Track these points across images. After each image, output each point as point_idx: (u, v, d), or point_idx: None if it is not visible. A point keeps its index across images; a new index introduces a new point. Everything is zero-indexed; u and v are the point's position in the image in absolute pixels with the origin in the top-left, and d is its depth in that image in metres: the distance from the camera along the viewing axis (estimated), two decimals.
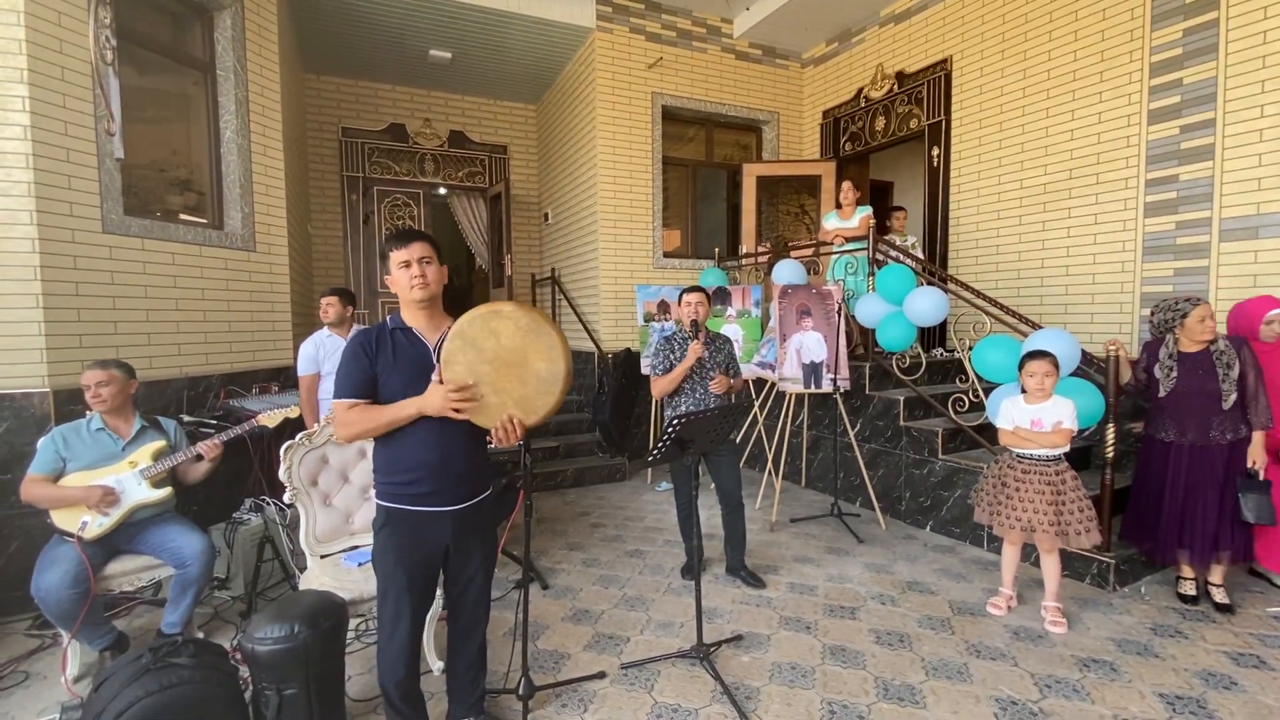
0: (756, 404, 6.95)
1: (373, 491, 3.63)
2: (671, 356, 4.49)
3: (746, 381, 7.00)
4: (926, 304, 5.65)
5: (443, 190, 10.09)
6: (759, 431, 7.21)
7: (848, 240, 6.84)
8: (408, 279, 2.90)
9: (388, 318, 2.95)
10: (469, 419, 2.83)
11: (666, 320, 7.28)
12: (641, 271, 8.28)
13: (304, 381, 5.32)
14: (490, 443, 3.00)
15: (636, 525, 5.94)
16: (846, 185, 7.17)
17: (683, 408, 4.41)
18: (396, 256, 2.92)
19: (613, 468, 7.26)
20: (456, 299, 12.96)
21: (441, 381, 2.78)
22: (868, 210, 7.15)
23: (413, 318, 2.98)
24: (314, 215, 9.16)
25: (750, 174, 8.64)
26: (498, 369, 2.75)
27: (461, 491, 3.01)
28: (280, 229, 6.52)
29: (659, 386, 4.46)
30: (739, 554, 4.84)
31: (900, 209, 7.90)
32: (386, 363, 2.89)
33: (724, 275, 7.87)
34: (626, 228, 8.26)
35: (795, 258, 7.20)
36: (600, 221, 8.21)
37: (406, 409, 2.81)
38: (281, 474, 4.05)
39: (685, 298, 4.56)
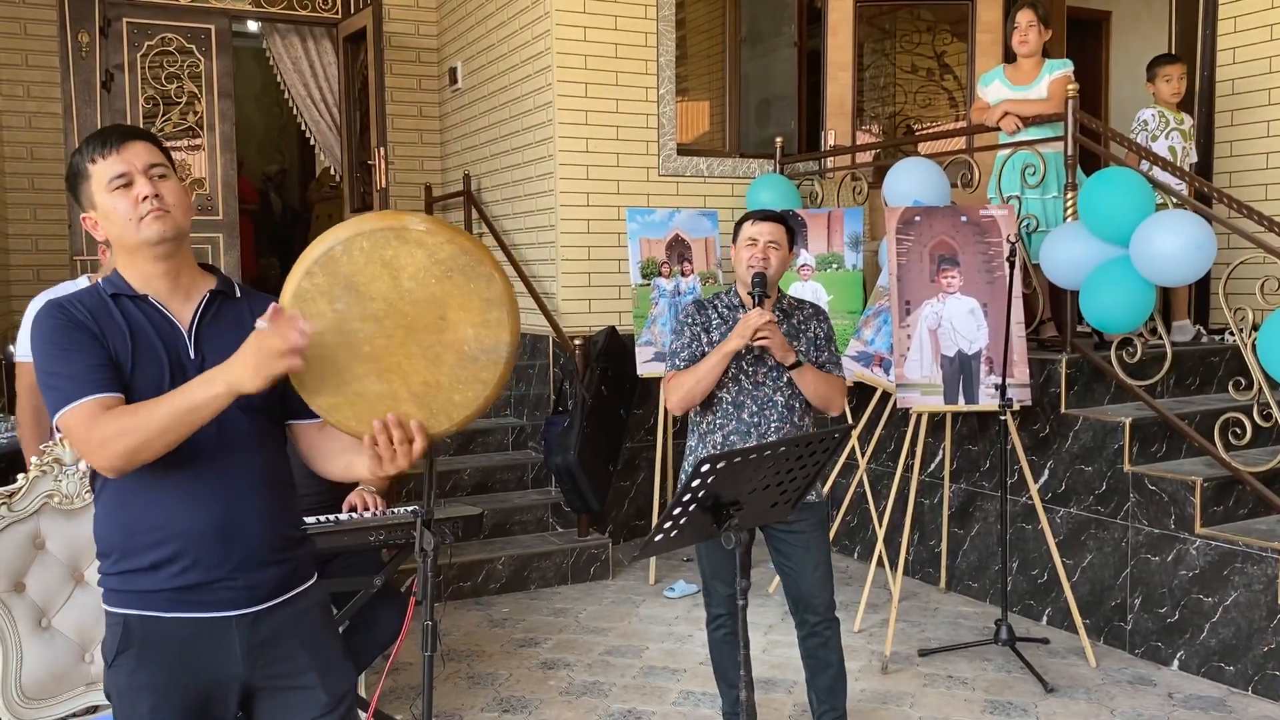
0: (855, 432, 5.78)
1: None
2: (704, 337, 3.74)
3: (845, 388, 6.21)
4: (1175, 243, 4.83)
5: (253, 25, 8.51)
6: (859, 483, 6.12)
7: (1027, 123, 5.54)
8: (131, 205, 2.26)
9: (99, 281, 2.34)
10: (326, 417, 2.17)
11: (686, 275, 6.29)
12: (636, 182, 7.17)
13: (24, 374, 4.33)
14: (351, 510, 3.42)
15: (629, 663, 5.14)
16: (1025, 16, 5.65)
17: (718, 435, 3.70)
18: (102, 171, 2.28)
19: (583, 554, 6.20)
20: (278, 236, 10.64)
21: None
22: (1065, 68, 5.62)
23: (145, 276, 2.33)
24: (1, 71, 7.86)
25: None
26: (389, 331, 2.13)
27: (259, 578, 2.33)
28: None
29: (679, 391, 3.70)
30: (834, 711, 3.84)
31: (1173, 60, 6.25)
32: (121, 353, 2.25)
33: (791, 189, 6.79)
34: (607, 96, 7.09)
35: (929, 155, 6.22)
36: (558, 84, 6.97)
37: (212, 386, 2.13)
38: None
39: (748, 229, 3.73)
